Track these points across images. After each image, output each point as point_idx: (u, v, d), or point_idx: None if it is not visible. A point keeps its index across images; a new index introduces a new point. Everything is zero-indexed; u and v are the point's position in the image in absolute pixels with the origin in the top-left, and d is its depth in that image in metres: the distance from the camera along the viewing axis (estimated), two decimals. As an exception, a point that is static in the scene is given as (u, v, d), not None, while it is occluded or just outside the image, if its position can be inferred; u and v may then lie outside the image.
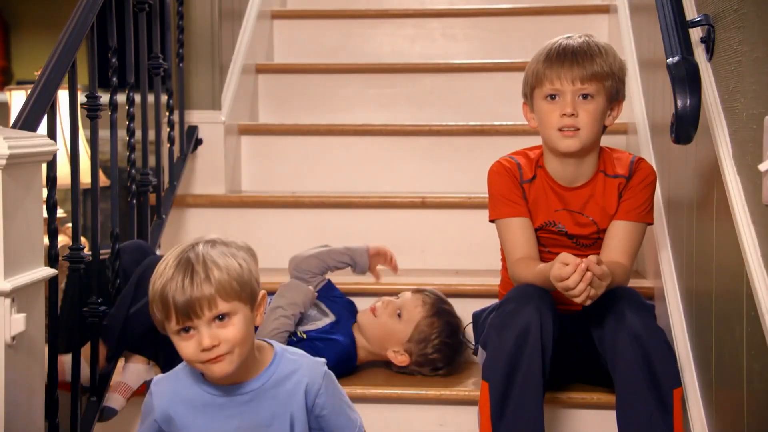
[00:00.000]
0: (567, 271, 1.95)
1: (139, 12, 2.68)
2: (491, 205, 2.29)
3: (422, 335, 2.42)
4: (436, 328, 2.43)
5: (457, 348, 2.46)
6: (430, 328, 2.42)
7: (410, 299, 2.46)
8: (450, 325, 2.45)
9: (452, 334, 2.45)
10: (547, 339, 2.04)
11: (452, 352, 2.45)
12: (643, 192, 2.23)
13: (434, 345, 2.42)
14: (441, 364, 2.44)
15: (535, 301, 2.06)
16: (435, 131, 3.18)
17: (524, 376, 2.02)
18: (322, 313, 2.51)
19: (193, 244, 1.70)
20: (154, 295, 1.65)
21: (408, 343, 2.42)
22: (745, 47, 1.89)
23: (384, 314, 2.45)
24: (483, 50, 3.66)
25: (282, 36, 3.79)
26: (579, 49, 2.17)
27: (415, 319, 2.43)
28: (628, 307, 2.06)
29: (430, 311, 2.44)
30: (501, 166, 2.29)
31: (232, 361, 1.64)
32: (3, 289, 1.76)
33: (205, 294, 1.62)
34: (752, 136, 1.83)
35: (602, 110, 2.18)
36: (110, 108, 2.43)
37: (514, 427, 2.03)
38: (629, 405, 2.02)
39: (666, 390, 2.01)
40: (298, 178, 3.20)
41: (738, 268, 1.84)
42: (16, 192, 1.82)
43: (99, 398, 2.31)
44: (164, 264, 1.68)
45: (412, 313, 2.43)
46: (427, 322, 2.42)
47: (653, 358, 2.01)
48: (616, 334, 2.04)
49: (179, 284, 1.62)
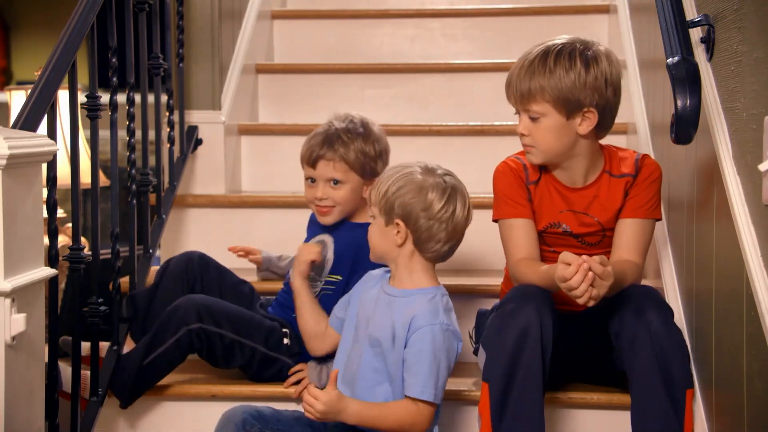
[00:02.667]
0: (570, 271, 1.95)
1: (139, 12, 2.68)
2: (495, 205, 2.29)
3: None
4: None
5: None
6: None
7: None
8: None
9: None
10: (547, 339, 2.04)
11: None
12: (650, 188, 2.23)
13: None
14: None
15: (535, 301, 2.06)
16: (435, 131, 3.18)
17: (524, 376, 2.02)
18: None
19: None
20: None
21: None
22: (745, 47, 1.90)
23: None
24: (483, 50, 3.66)
25: (282, 36, 3.79)
26: (524, 65, 2.16)
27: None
28: (649, 304, 2.07)
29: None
30: (507, 166, 2.29)
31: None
32: (3, 289, 1.76)
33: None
34: (752, 136, 1.83)
35: (557, 125, 2.15)
36: (110, 108, 2.43)
37: (515, 427, 2.03)
38: (645, 402, 2.03)
39: (680, 390, 2.02)
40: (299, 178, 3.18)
41: (738, 268, 1.84)
42: (16, 192, 1.82)
43: (99, 398, 2.31)
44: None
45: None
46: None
47: (670, 358, 2.02)
48: (635, 330, 2.04)
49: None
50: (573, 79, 2.12)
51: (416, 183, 2.08)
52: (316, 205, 2.42)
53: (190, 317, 2.29)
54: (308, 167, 2.43)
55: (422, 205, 2.07)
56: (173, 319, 2.30)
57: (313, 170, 2.42)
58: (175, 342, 2.29)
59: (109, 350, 2.42)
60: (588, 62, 2.13)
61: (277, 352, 2.37)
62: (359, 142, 2.40)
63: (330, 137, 2.40)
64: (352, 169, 2.40)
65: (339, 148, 2.39)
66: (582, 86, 2.12)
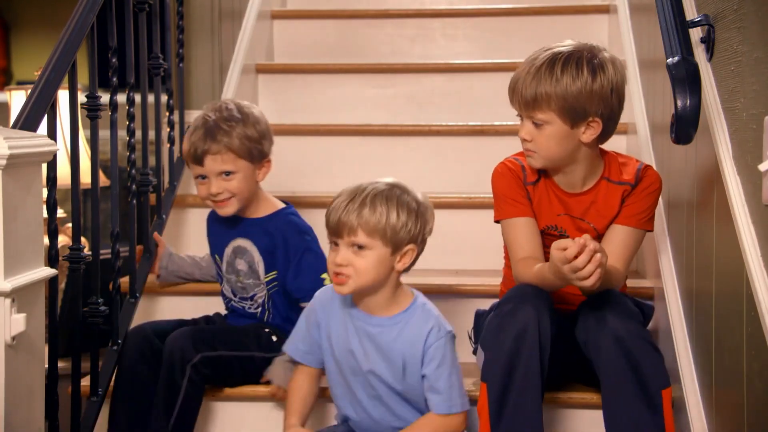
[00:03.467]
0: (571, 251, 1.91)
1: (139, 12, 2.68)
2: (496, 206, 2.29)
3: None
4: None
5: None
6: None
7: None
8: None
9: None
10: (545, 339, 2.04)
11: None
12: (647, 199, 2.22)
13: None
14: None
15: (532, 301, 2.06)
16: (435, 131, 3.17)
17: (523, 376, 2.02)
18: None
19: (376, 183, 2.03)
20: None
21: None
22: (745, 47, 1.90)
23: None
24: (483, 50, 3.66)
25: (282, 36, 3.79)
26: (531, 71, 2.13)
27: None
28: (611, 311, 2.06)
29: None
30: (505, 167, 2.29)
31: (350, 286, 2.00)
32: (3, 289, 1.76)
33: (350, 222, 1.97)
34: (752, 136, 1.83)
35: (560, 133, 2.13)
36: (110, 108, 2.43)
37: (513, 427, 2.02)
38: (615, 407, 2.02)
39: (654, 391, 2.01)
40: (298, 178, 3.20)
41: (738, 268, 1.84)
42: (16, 192, 1.82)
43: (99, 398, 2.31)
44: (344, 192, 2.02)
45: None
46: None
47: (638, 360, 2.00)
48: (598, 337, 2.04)
49: (342, 204, 1.98)
50: (579, 87, 2.10)
51: (419, 205, 2.04)
52: (213, 200, 2.40)
53: (188, 353, 2.23)
54: (196, 165, 2.38)
55: (429, 226, 2.06)
56: (175, 365, 2.23)
57: (201, 167, 2.37)
58: (189, 383, 2.23)
59: (109, 350, 2.42)
60: (595, 70, 2.10)
61: (272, 351, 2.37)
62: (240, 128, 2.37)
63: (210, 130, 2.36)
64: (240, 157, 2.37)
65: (222, 138, 2.35)
66: (588, 95, 2.10)
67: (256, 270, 2.43)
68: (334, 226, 1.99)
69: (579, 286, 1.97)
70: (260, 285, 2.43)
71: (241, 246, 2.45)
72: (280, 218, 2.45)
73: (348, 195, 2.01)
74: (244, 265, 2.44)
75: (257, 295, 2.44)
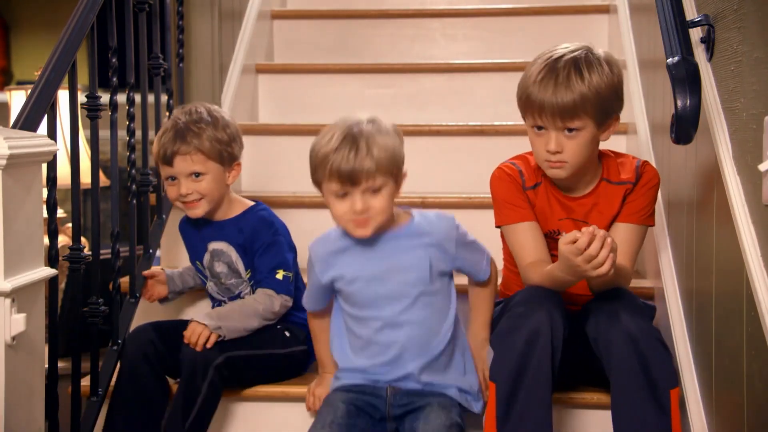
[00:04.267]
0: (583, 240, 1.91)
1: (139, 12, 2.68)
2: (496, 212, 2.27)
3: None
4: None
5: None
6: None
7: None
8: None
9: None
10: (557, 342, 2.03)
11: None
12: (647, 195, 2.22)
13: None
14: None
15: (546, 304, 2.05)
16: (435, 131, 3.17)
17: (533, 378, 2.01)
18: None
19: (357, 121, 2.03)
20: (317, 161, 2.02)
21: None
22: (745, 47, 1.90)
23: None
24: (483, 50, 3.66)
25: (282, 36, 3.79)
26: (566, 87, 2.07)
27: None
28: (623, 308, 2.06)
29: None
30: (502, 171, 2.27)
31: (373, 226, 2.05)
32: (3, 289, 1.76)
33: (365, 167, 1.98)
34: (752, 136, 1.83)
35: (591, 136, 2.11)
36: (110, 108, 2.43)
37: (520, 428, 2.01)
38: (623, 406, 2.02)
39: (662, 391, 2.00)
40: (298, 178, 3.17)
41: (738, 268, 1.84)
42: (16, 192, 1.82)
43: (99, 398, 2.31)
44: (330, 135, 2.01)
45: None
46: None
47: (649, 359, 2.00)
48: (609, 335, 2.03)
49: (345, 155, 1.98)
50: (608, 83, 2.08)
51: (393, 130, 2.08)
52: (182, 201, 2.41)
53: (212, 354, 2.23)
54: (165, 166, 2.39)
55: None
56: (197, 367, 2.22)
57: (171, 168, 2.38)
58: (209, 385, 2.21)
59: (109, 350, 2.42)
60: (610, 64, 2.11)
61: (289, 347, 2.38)
62: (210, 130, 2.38)
63: (180, 131, 2.37)
64: (209, 158, 2.38)
65: (192, 139, 2.36)
66: (615, 91, 2.10)
67: (236, 269, 2.44)
68: (347, 175, 1.99)
69: (594, 275, 1.94)
70: (243, 282, 2.45)
71: (217, 248, 2.46)
72: (252, 214, 2.47)
73: (345, 143, 1.99)
74: (222, 266, 2.45)
75: (243, 293, 2.45)
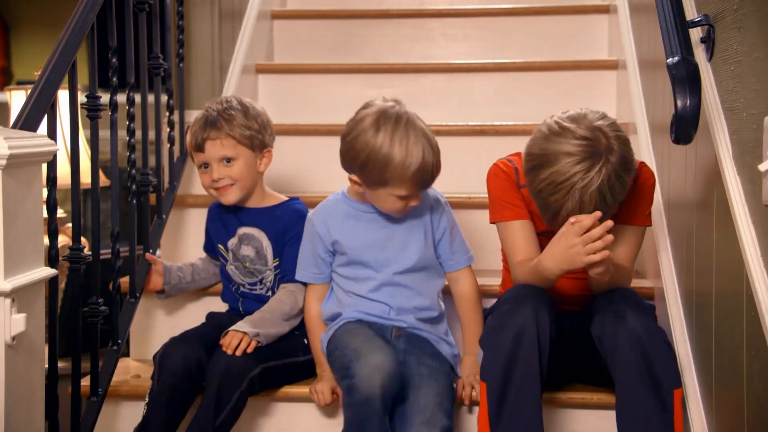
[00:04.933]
0: (587, 221, 1.96)
1: (139, 12, 2.68)
2: (491, 208, 2.29)
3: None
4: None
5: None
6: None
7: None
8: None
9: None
10: (544, 339, 2.04)
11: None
12: (643, 196, 2.23)
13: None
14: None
15: (531, 302, 2.06)
16: (435, 131, 3.15)
17: (521, 376, 2.03)
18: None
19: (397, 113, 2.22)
20: (380, 156, 2.16)
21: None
22: (745, 47, 1.90)
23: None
24: (483, 50, 3.66)
25: (282, 36, 3.79)
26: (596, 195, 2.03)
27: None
28: (629, 307, 2.06)
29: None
30: (498, 169, 2.28)
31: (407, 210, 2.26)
32: (3, 289, 1.76)
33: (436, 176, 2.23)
34: (752, 136, 1.83)
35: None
36: (110, 108, 2.43)
37: (512, 426, 2.03)
38: (628, 405, 2.02)
39: (666, 390, 2.01)
40: (299, 178, 3.20)
41: (738, 268, 1.84)
42: (16, 192, 1.82)
43: (99, 398, 2.31)
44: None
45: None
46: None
47: (653, 359, 2.01)
48: (616, 334, 2.04)
49: (427, 176, 2.20)
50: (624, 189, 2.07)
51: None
52: (215, 187, 2.45)
53: (249, 365, 2.23)
54: (198, 153, 2.45)
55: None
56: (232, 377, 2.21)
57: (202, 154, 2.44)
58: (239, 395, 2.21)
59: (109, 350, 2.42)
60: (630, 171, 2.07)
61: (309, 354, 2.40)
62: (240, 117, 2.44)
63: (211, 119, 2.43)
64: (240, 143, 2.43)
65: (222, 125, 2.42)
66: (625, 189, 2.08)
67: (264, 255, 2.47)
68: (426, 186, 2.24)
69: (586, 262, 1.97)
70: (268, 270, 2.47)
71: (248, 233, 2.49)
72: (289, 206, 2.52)
73: (424, 170, 2.17)
74: (251, 251, 2.48)
75: (266, 279, 2.48)
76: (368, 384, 2.04)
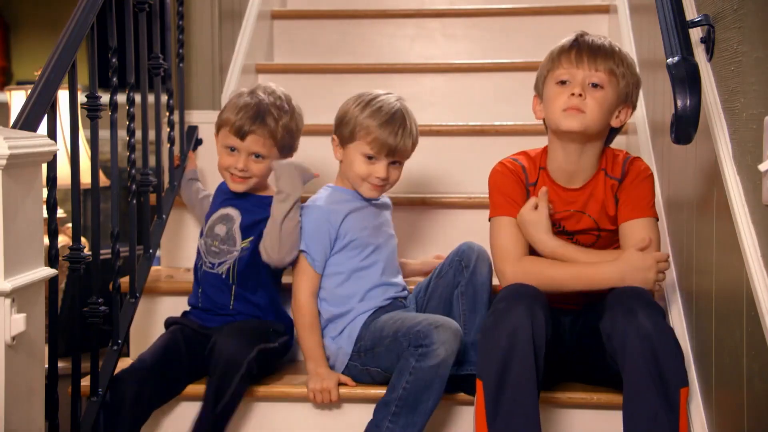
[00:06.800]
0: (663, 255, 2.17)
1: (139, 12, 2.68)
2: (493, 204, 2.30)
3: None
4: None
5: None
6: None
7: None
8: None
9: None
10: (540, 338, 2.05)
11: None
12: (640, 187, 2.24)
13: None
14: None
15: (526, 300, 2.07)
16: (435, 131, 3.17)
17: (517, 374, 2.03)
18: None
19: (398, 97, 2.47)
20: (369, 126, 2.36)
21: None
22: (745, 47, 1.90)
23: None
24: (483, 50, 3.66)
25: (282, 36, 3.79)
26: (599, 45, 2.22)
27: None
28: (639, 305, 2.06)
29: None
30: (505, 167, 2.30)
31: (386, 189, 2.46)
32: (3, 289, 1.76)
33: (407, 146, 2.43)
34: (752, 136, 1.83)
35: (610, 102, 2.20)
36: (110, 108, 2.43)
37: (508, 425, 2.03)
38: (635, 403, 2.03)
39: (673, 389, 2.01)
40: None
41: (738, 268, 1.84)
42: (16, 192, 1.82)
43: (99, 398, 2.31)
44: (377, 104, 2.40)
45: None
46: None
47: (661, 357, 2.01)
48: (625, 331, 2.04)
49: (394, 131, 2.38)
50: (632, 74, 2.25)
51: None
52: (232, 173, 2.47)
53: (245, 348, 2.26)
54: (236, 138, 2.45)
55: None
56: (230, 362, 2.23)
57: (240, 142, 2.45)
58: (241, 378, 2.23)
59: (109, 350, 2.42)
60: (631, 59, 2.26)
61: (279, 338, 2.43)
62: (286, 119, 2.47)
63: (262, 113, 2.44)
64: (275, 145, 2.47)
65: (270, 123, 2.45)
66: (636, 85, 2.26)
67: (233, 237, 2.49)
68: (392, 149, 2.38)
69: (656, 279, 2.15)
70: (233, 252, 2.48)
71: (226, 213, 2.52)
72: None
73: (394, 122, 2.38)
74: (222, 230, 2.50)
75: (228, 261, 2.48)
76: (447, 347, 2.17)
